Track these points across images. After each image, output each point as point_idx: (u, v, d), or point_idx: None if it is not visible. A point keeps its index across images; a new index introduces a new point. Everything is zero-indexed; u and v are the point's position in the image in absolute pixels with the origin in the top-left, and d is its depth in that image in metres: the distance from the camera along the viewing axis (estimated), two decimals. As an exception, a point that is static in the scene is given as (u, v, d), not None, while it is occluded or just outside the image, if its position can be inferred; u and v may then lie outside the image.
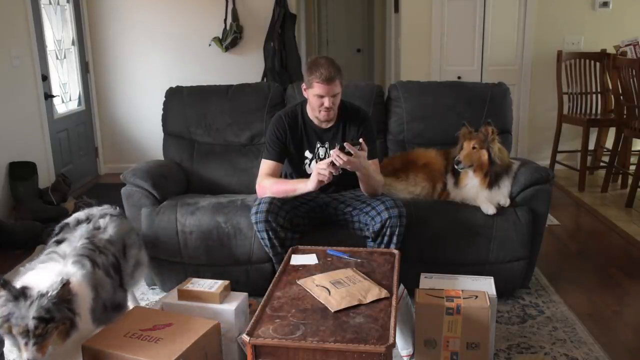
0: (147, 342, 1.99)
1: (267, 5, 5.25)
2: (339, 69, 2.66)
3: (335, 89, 2.65)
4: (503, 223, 2.81)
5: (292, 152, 2.81)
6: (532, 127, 5.51)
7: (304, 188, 2.62)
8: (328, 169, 2.50)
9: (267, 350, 1.76)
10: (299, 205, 2.73)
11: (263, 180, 2.76)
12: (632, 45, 4.71)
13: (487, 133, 2.89)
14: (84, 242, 2.20)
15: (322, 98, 2.65)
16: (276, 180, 2.76)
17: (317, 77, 2.61)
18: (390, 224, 2.57)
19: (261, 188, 2.75)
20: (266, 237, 2.61)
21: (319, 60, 2.66)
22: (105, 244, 2.27)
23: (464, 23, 5.33)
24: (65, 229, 2.37)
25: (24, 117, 4.52)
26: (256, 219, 2.61)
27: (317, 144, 2.81)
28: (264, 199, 2.66)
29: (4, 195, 4.19)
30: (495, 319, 2.34)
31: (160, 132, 3.52)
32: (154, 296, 3.05)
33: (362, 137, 2.64)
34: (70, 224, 2.40)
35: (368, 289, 2.00)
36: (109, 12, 5.44)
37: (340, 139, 2.77)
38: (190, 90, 3.48)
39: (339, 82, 2.65)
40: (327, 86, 2.61)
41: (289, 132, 2.79)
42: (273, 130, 2.81)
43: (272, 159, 2.79)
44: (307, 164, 2.83)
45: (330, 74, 2.60)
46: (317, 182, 2.54)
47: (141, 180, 3.00)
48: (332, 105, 2.67)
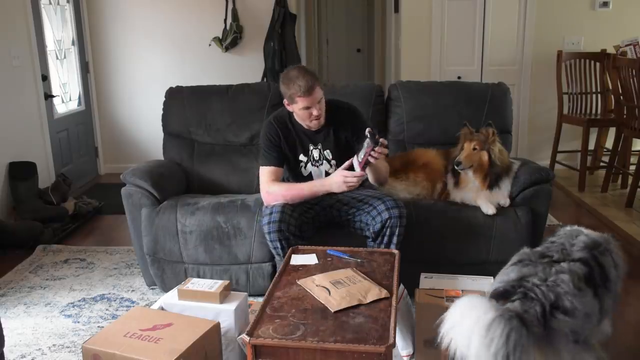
0: (147, 342, 1.99)
1: (267, 5, 5.25)
2: (314, 75, 2.63)
3: (318, 95, 2.62)
4: (503, 223, 2.81)
5: (287, 155, 2.80)
6: (532, 127, 5.50)
7: (322, 192, 2.65)
8: (358, 179, 2.54)
9: (267, 350, 1.76)
10: (306, 211, 2.72)
11: (270, 187, 2.70)
12: (632, 45, 4.71)
13: (487, 134, 2.89)
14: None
15: (309, 109, 2.63)
16: (287, 185, 2.72)
17: (297, 91, 2.58)
18: (391, 224, 2.57)
19: (270, 195, 2.69)
20: (279, 246, 2.58)
21: (292, 73, 2.62)
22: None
23: (464, 23, 5.33)
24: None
25: (24, 117, 4.52)
26: (269, 229, 2.58)
27: (310, 147, 2.79)
28: (275, 208, 2.61)
29: (4, 195, 4.19)
30: (495, 319, 2.34)
31: (160, 132, 3.52)
32: (154, 296, 3.06)
33: (359, 130, 2.65)
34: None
35: (368, 289, 2.00)
36: (109, 12, 5.44)
37: (333, 140, 2.77)
38: (190, 90, 3.48)
39: (319, 87, 2.62)
40: (310, 97, 2.59)
41: (282, 136, 2.77)
42: (267, 136, 2.78)
43: (273, 164, 2.75)
44: (303, 166, 2.81)
45: (308, 84, 2.57)
46: (345, 190, 2.59)
47: (141, 180, 3.00)
48: (321, 111, 2.66)
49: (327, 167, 2.81)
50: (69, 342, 2.61)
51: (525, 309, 1.65)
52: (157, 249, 2.96)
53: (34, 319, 2.84)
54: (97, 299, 3.06)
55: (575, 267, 1.77)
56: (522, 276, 1.76)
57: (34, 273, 3.40)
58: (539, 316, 1.64)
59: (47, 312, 2.91)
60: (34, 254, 3.68)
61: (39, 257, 3.65)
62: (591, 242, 1.90)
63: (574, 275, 1.73)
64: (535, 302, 1.67)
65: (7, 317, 2.85)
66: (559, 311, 1.66)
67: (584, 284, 1.74)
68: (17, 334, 2.70)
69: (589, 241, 1.89)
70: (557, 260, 1.81)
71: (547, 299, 1.67)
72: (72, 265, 3.50)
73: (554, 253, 1.85)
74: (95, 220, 4.39)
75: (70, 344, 2.60)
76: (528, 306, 1.66)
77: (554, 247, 1.90)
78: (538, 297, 1.68)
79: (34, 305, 3.00)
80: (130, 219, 3.05)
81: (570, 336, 1.66)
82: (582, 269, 1.77)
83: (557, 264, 1.79)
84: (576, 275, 1.74)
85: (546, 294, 1.68)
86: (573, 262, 1.79)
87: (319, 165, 2.80)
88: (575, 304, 1.67)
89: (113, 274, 3.36)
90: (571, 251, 1.85)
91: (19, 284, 3.25)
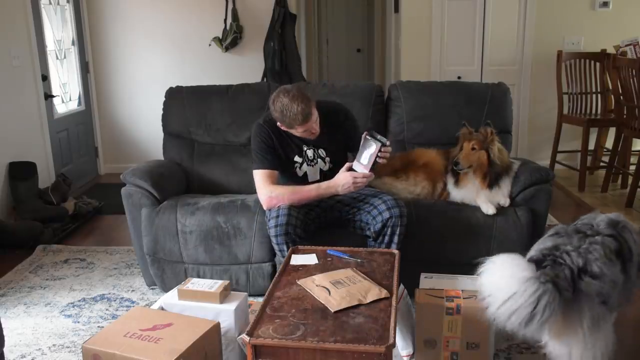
0: (147, 342, 1.99)
1: (267, 5, 5.25)
2: (306, 97, 2.56)
3: (315, 116, 2.60)
4: (503, 223, 2.81)
5: (281, 157, 2.78)
6: (532, 127, 5.50)
7: (329, 194, 2.64)
8: (367, 179, 2.56)
9: (267, 350, 1.76)
10: (309, 212, 2.72)
11: (272, 191, 2.66)
12: (632, 45, 4.71)
13: (486, 134, 2.88)
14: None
15: (307, 130, 2.63)
16: (293, 188, 2.68)
17: (297, 122, 2.55)
18: (392, 223, 2.58)
19: (274, 199, 2.65)
20: (285, 249, 2.56)
21: (284, 102, 2.52)
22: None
23: (464, 23, 5.33)
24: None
25: (24, 117, 4.52)
26: (277, 232, 2.56)
27: (303, 147, 2.78)
28: (282, 211, 2.59)
29: (4, 195, 4.19)
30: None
31: (160, 132, 3.52)
32: (154, 296, 3.06)
33: (351, 131, 2.69)
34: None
35: (368, 289, 2.00)
36: (109, 12, 5.44)
37: (326, 140, 2.77)
38: (190, 90, 3.48)
39: (313, 107, 2.58)
40: (308, 122, 2.58)
41: (275, 138, 2.74)
42: (259, 139, 2.74)
43: (268, 167, 2.72)
44: (298, 167, 2.80)
45: (305, 112, 2.53)
46: (351, 191, 2.59)
47: (141, 180, 3.00)
48: (317, 126, 2.65)
49: (322, 165, 2.81)
50: (69, 342, 2.61)
51: (557, 274, 1.77)
52: (157, 249, 2.96)
53: (34, 319, 2.84)
54: (97, 299, 3.06)
55: (607, 240, 1.88)
56: (557, 244, 1.89)
57: (34, 273, 3.40)
58: (568, 279, 1.77)
59: (47, 312, 2.91)
60: (34, 254, 3.68)
61: (39, 257, 3.65)
62: (611, 220, 2.00)
63: (606, 247, 1.85)
64: (564, 267, 1.79)
65: (7, 317, 2.85)
66: (587, 275, 1.78)
67: (614, 257, 1.86)
68: (17, 334, 2.70)
69: (609, 220, 2.00)
70: (590, 235, 1.92)
71: (576, 264, 1.79)
72: (72, 265, 3.50)
73: (586, 229, 1.96)
74: (95, 220, 4.39)
75: (70, 344, 2.60)
76: (558, 270, 1.79)
77: (583, 225, 2.01)
78: (566, 262, 1.81)
79: (34, 305, 3.00)
80: (130, 219, 3.05)
81: (596, 298, 1.78)
82: (613, 244, 1.89)
83: (592, 237, 1.90)
84: (608, 247, 1.86)
85: (575, 260, 1.80)
86: (605, 236, 1.90)
87: (313, 164, 2.80)
88: (603, 270, 1.79)
89: (113, 274, 3.37)
90: (599, 229, 1.95)
91: (19, 284, 3.25)
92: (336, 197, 2.73)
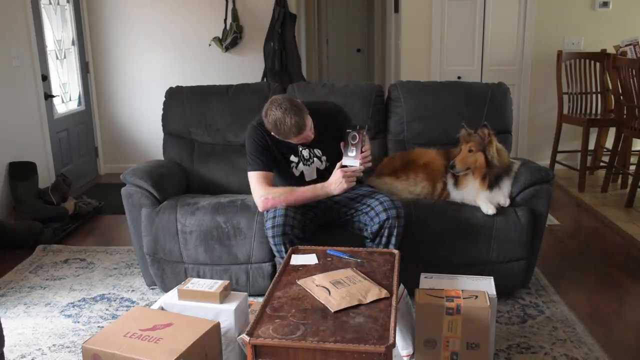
0: (147, 342, 1.99)
1: (267, 5, 5.25)
2: (299, 108, 2.51)
3: (309, 126, 2.59)
4: (503, 223, 2.81)
5: (277, 157, 2.77)
6: (532, 127, 5.51)
7: (324, 194, 2.64)
8: (355, 174, 2.58)
9: (267, 350, 1.76)
10: (307, 212, 2.72)
11: (267, 193, 2.65)
12: (632, 45, 4.71)
13: (483, 135, 2.88)
14: None
15: (303, 138, 2.63)
16: (288, 189, 2.68)
17: (291, 134, 2.54)
18: (388, 224, 2.57)
19: (269, 201, 2.64)
20: (283, 250, 2.56)
21: (277, 115, 2.49)
22: None
23: (464, 23, 5.33)
24: None
25: (24, 117, 4.52)
26: (274, 233, 2.56)
27: (298, 147, 2.77)
28: (278, 212, 2.59)
29: (4, 195, 4.19)
30: (495, 319, 2.34)
31: (160, 132, 3.52)
32: (154, 296, 3.06)
33: (343, 123, 2.73)
34: None
35: (368, 289, 2.00)
36: (109, 12, 5.44)
37: (322, 139, 2.75)
38: (190, 90, 3.48)
39: (306, 117, 2.57)
40: (302, 133, 2.57)
41: (270, 139, 2.73)
42: (254, 141, 2.73)
43: (263, 169, 2.71)
44: (294, 167, 2.80)
45: (299, 124, 2.51)
46: (345, 189, 2.60)
47: (141, 180, 3.00)
48: (312, 133, 2.64)
49: (318, 163, 2.80)
50: (69, 342, 2.61)
51: None
52: (157, 249, 2.96)
53: (34, 319, 2.84)
54: (97, 299, 3.06)
55: None
56: None
57: (34, 273, 3.40)
58: None
59: (47, 312, 2.91)
60: (34, 254, 3.69)
61: (39, 257, 3.65)
62: None
63: None
64: None
65: (7, 317, 2.85)
66: None
67: None
68: (17, 334, 2.70)
69: None
70: None
71: None
72: (72, 265, 3.50)
73: None
74: (95, 220, 4.39)
75: (70, 344, 2.60)
76: None
77: None
78: None
79: (34, 305, 3.00)
80: (130, 219, 3.06)
81: None
82: None
83: None
84: None
85: None
86: None
87: (310, 163, 2.80)
88: None
89: (113, 274, 3.37)
90: None
91: (19, 284, 3.25)
92: (334, 198, 2.73)
